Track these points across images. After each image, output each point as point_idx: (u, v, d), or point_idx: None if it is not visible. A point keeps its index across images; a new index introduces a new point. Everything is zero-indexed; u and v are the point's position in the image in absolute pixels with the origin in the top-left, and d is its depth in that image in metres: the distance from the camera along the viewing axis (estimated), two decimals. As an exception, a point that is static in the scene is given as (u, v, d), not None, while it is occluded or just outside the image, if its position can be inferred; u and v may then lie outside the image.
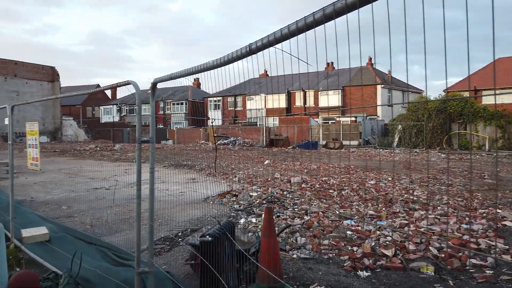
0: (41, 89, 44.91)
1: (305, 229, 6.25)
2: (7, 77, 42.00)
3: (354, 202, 8.19)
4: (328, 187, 9.90)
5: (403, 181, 11.06)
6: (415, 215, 7.03)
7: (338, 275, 4.46)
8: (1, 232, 3.46)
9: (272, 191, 9.36)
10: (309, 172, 13.10)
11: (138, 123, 3.05)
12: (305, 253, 5.21)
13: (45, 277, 3.78)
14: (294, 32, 1.47)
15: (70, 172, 13.48)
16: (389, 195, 8.83)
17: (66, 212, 7.70)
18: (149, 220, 3.13)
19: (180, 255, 5.17)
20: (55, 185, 10.93)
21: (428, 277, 4.41)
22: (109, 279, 3.67)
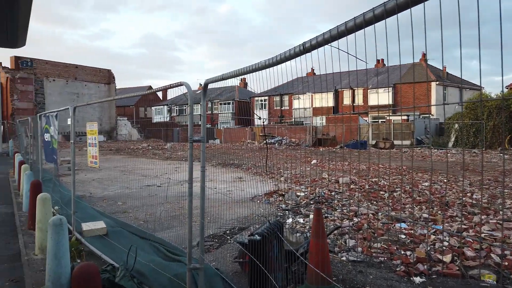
0: (98, 91, 47.65)
1: (354, 231, 6.10)
2: (68, 80, 45.01)
3: (407, 205, 7.85)
4: (378, 189, 9.58)
5: (460, 183, 10.44)
6: (474, 219, 6.61)
7: (390, 279, 4.29)
8: (64, 226, 3.70)
9: (320, 192, 9.22)
10: (358, 172, 12.76)
11: (190, 123, 3.13)
12: (355, 255, 5.07)
13: (103, 269, 3.99)
14: (351, 29, 1.42)
15: (125, 170, 14.17)
16: (445, 198, 8.37)
17: (121, 208, 8.09)
18: (200, 217, 3.20)
19: (229, 252, 5.25)
20: (111, 181, 11.54)
21: (489, 286, 4.13)
22: (162, 274, 3.80)
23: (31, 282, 4.16)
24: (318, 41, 1.57)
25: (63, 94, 43.67)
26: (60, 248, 3.62)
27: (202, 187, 3.19)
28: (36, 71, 42.01)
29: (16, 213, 7.63)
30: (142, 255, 4.44)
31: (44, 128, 8.15)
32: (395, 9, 1.26)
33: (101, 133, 46.00)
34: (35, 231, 5.24)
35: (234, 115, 54.25)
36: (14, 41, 2.20)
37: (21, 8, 1.72)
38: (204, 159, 3.18)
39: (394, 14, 1.27)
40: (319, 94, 44.28)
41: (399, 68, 37.96)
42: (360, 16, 1.38)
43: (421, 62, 39.64)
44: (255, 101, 54.12)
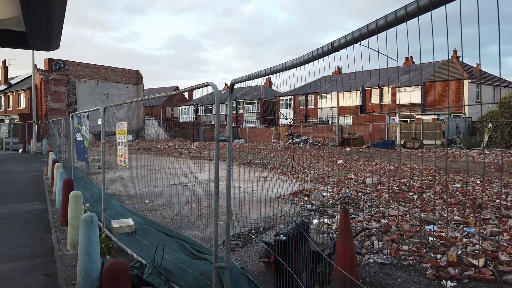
0: (127, 91, 48.83)
1: (382, 232, 5.97)
2: (98, 81, 46.37)
3: (437, 206, 7.62)
4: (407, 190, 9.34)
5: (494, 185, 10.03)
6: (509, 222, 6.33)
7: (419, 283, 4.18)
8: (95, 223, 3.80)
9: (346, 192, 9.09)
10: (385, 173, 12.49)
11: (216, 122, 3.15)
12: (383, 258, 4.97)
13: (132, 266, 4.08)
14: (382, 27, 1.38)
15: (152, 169, 14.45)
16: (478, 200, 8.07)
17: (149, 206, 8.26)
18: (226, 217, 3.22)
19: (254, 252, 5.25)
20: (139, 180, 11.79)
21: (526, 293, 3.95)
22: (188, 271, 3.84)
23: (63, 276, 4.31)
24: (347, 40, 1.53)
25: (93, 95, 45.02)
26: (91, 244, 3.72)
27: (228, 186, 3.20)
28: (68, 73, 43.51)
29: (50, 209, 7.92)
30: (169, 253, 4.52)
31: (76, 127, 8.43)
32: (428, 6, 1.21)
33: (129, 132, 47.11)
34: (67, 227, 5.42)
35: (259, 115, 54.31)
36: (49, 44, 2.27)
37: (56, 11, 1.77)
38: (230, 158, 3.20)
39: (427, 11, 1.23)
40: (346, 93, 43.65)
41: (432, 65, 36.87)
42: (391, 14, 1.34)
43: (452, 59, 38.37)
44: (280, 101, 53.97)
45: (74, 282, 3.98)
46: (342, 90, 41.61)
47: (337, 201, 8.22)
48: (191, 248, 5.03)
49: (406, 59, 43.08)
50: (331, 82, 45.76)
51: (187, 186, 10.58)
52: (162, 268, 3.99)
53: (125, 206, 7.90)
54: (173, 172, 13.44)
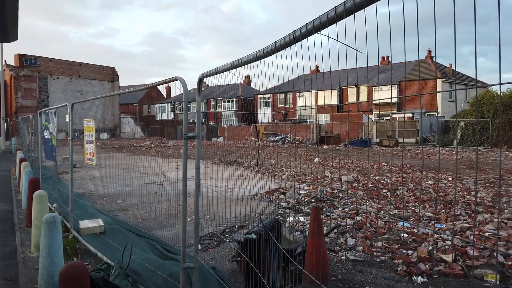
0: (102, 89, 47.71)
1: (355, 230, 6.00)
2: (72, 77, 45.11)
3: (410, 203, 7.74)
4: (381, 187, 9.46)
5: (465, 181, 10.29)
6: (479, 218, 6.48)
7: (390, 279, 4.20)
8: (57, 224, 3.63)
9: (322, 190, 9.12)
10: (361, 170, 12.63)
11: (184, 119, 3.04)
12: (355, 254, 4.98)
13: (98, 268, 3.92)
14: (341, 15, 1.32)
15: (126, 167, 14.13)
16: (449, 197, 8.24)
17: (121, 206, 8.04)
18: (195, 216, 3.12)
19: (227, 251, 5.16)
20: (112, 179, 11.49)
21: (492, 286, 4.02)
22: (157, 272, 3.72)
23: (25, 280, 4.10)
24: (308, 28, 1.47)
25: (66, 92, 43.77)
26: (53, 246, 3.55)
27: (196, 184, 3.11)
28: (40, 69, 42.13)
29: (15, 210, 7.60)
30: (138, 253, 4.38)
31: (44, 125, 8.11)
32: None
33: (104, 130, 46.11)
34: (31, 229, 5.19)
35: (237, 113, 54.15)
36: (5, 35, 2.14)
37: (8, 2, 1.67)
38: (199, 155, 3.10)
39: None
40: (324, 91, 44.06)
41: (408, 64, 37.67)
42: (349, 1, 1.28)
43: (426, 59, 39.31)
44: (258, 99, 53.98)
45: (36, 286, 3.79)
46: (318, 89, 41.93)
47: (313, 199, 8.22)
48: (162, 248, 4.90)
49: (382, 58, 43.85)
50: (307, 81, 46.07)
51: (162, 185, 10.38)
52: (130, 269, 3.85)
53: (96, 206, 7.66)
54: (148, 171, 13.18)
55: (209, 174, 12.67)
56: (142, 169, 13.82)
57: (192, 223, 6.61)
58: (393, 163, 14.90)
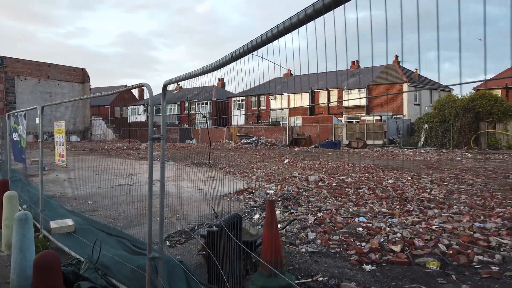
0: (72, 90, 46.71)
1: (317, 225, 6.42)
2: (40, 79, 43.95)
3: (369, 201, 8.26)
4: (345, 186, 9.98)
5: (423, 180, 10.98)
6: (429, 213, 7.06)
7: (343, 268, 4.62)
8: (29, 221, 3.83)
9: (289, 189, 9.54)
10: (327, 171, 13.17)
11: (150, 121, 3.34)
12: (314, 247, 5.38)
13: (69, 263, 4.14)
14: (279, 34, 1.58)
15: (97, 170, 14.11)
16: (405, 194, 8.83)
17: (92, 207, 8.16)
18: (160, 210, 3.41)
19: (195, 247, 5.46)
20: (83, 181, 11.51)
21: (432, 272, 4.50)
22: (125, 265, 3.98)
23: (-3, 277, 4.26)
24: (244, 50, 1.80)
25: (35, 93, 42.60)
26: (25, 242, 3.75)
27: (161, 182, 3.40)
28: (6, 70, 40.84)
29: (-17, 212, 7.58)
30: (108, 250, 4.60)
31: (13, 127, 8.13)
32: (331, 5, 1.39)
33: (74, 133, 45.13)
34: (2, 229, 5.31)
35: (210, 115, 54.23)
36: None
37: None
38: (163, 155, 3.40)
39: (330, 9, 1.41)
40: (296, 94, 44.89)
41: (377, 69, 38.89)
42: (287, 20, 1.55)
43: (394, 64, 40.78)
44: (232, 101, 54.27)
45: (8, 281, 3.97)
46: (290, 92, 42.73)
47: (280, 197, 8.62)
48: (131, 245, 5.13)
49: (352, 62, 45.11)
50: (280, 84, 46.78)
51: (133, 187, 10.52)
52: (99, 264, 4.09)
53: (66, 207, 7.75)
54: (119, 173, 13.23)
55: (181, 175, 12.88)
56: (113, 171, 13.84)
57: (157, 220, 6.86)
58: (359, 163, 15.55)
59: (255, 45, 1.85)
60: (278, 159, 18.12)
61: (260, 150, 26.20)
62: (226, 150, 25.83)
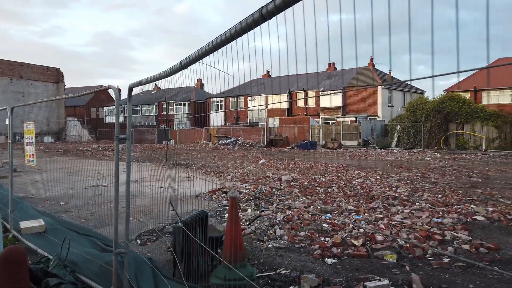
0: (46, 90, 45.66)
1: (285, 222, 6.66)
2: (12, 78, 42.77)
3: (337, 199, 8.58)
4: (316, 185, 10.29)
5: (390, 179, 11.42)
6: (392, 210, 7.42)
7: (305, 261, 4.86)
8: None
9: (261, 188, 9.77)
10: (301, 171, 13.49)
11: (116, 122, 3.48)
12: (281, 243, 5.62)
13: (38, 261, 4.23)
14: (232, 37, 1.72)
15: (71, 171, 13.98)
16: (372, 192, 9.20)
17: (64, 208, 8.16)
18: (126, 208, 3.56)
19: (165, 244, 5.60)
20: (55, 183, 11.42)
21: (388, 264, 4.80)
22: (94, 262, 4.11)
23: (-36, 276, 4.29)
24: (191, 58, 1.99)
25: (6, 93, 41.42)
26: (-8, 241, 3.82)
27: (127, 180, 3.55)
28: (-24, 69, 39.60)
29: (-49, 214, 7.48)
30: (78, 249, 4.70)
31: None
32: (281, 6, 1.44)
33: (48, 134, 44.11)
34: (-30, 229, 5.30)
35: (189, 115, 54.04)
36: None
37: None
38: (129, 154, 3.55)
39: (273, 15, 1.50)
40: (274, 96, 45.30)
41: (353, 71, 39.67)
42: (227, 32, 1.72)
43: (368, 66, 41.76)
44: (211, 102, 54.25)
45: (-25, 280, 4.02)
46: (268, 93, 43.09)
47: (252, 197, 8.83)
48: (101, 243, 5.24)
49: (328, 65, 45.90)
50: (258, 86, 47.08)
51: (107, 188, 10.52)
52: (68, 261, 4.19)
53: (37, 208, 7.73)
54: (93, 175, 13.15)
55: (156, 176, 12.93)
56: (87, 173, 13.74)
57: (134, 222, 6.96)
58: (332, 163, 15.95)
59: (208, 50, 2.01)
60: (254, 159, 18.36)
61: (238, 150, 26.38)
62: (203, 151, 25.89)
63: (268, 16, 1.61)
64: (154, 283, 3.80)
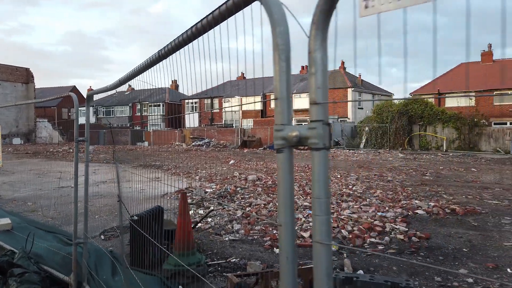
0: (14, 91, 44.56)
1: (244, 218, 7.16)
2: (-21, 78, 41.59)
3: (296, 196, 9.15)
4: (279, 184, 10.84)
5: (349, 178, 12.12)
6: (343, 205, 8.05)
7: (256, 251, 5.38)
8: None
9: (226, 187, 10.25)
10: (268, 171, 14.04)
11: (75, 125, 3.89)
12: (236, 236, 6.11)
13: (3, 254, 4.56)
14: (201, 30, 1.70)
15: (40, 173, 14.02)
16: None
17: (31, 208, 8.39)
18: (84, 202, 3.97)
19: (127, 239, 5.99)
20: (24, 184, 11.51)
21: (329, 252, 5.38)
22: (57, 254, 4.48)
23: None
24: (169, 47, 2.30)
25: (-28, 94, 40.25)
26: (-40, 235, 4.13)
27: (86, 178, 3.95)
28: None
29: None
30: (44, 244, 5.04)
31: None
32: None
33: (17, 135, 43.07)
34: None
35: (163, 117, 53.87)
36: None
37: None
38: (88, 154, 3.95)
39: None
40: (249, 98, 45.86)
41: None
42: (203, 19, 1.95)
43: (340, 70, 42.95)
44: (185, 104, 54.26)
45: None
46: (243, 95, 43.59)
47: (216, 195, 9.30)
48: (66, 239, 5.59)
49: (301, 67, 46.85)
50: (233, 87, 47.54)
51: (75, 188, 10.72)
52: (33, 253, 4.54)
53: (4, 208, 7.93)
54: (62, 176, 13.26)
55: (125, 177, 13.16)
56: (57, 174, 13.83)
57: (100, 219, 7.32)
58: (299, 164, 16.59)
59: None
60: (224, 160, 18.81)
61: (210, 152, 26.74)
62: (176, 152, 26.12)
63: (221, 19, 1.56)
64: (112, 271, 4.21)
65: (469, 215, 7.43)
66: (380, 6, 0.79)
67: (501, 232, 6.29)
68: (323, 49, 0.93)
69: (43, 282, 4.12)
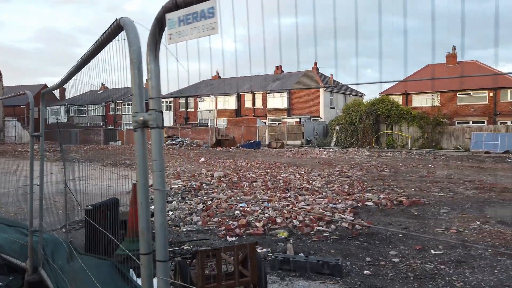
0: (-19, 89, 43.21)
1: (204, 211, 7.53)
2: None
3: (257, 191, 9.59)
4: (244, 180, 11.26)
5: (312, 174, 12.68)
6: (299, 198, 8.54)
7: (211, 240, 5.76)
8: None
9: (192, 184, 10.58)
10: (235, 168, 14.44)
11: (31, 122, 4.17)
12: (194, 227, 6.48)
13: (-38, 245, 4.77)
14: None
15: (5, 172, 13.93)
16: (290, 185, 10.33)
17: (-6, 204, 8.48)
18: (40, 193, 4.25)
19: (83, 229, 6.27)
20: (-12, 183, 11.48)
21: (278, 239, 5.83)
22: (16, 243, 4.74)
23: None
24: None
25: None
26: None
27: (40, 173, 4.24)
28: None
29: None
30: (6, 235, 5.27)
31: None
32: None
33: (-16, 135, 41.82)
34: None
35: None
36: None
37: None
38: (42, 150, 4.24)
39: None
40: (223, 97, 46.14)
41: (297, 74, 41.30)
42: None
43: (313, 70, 43.83)
44: (160, 103, 53.87)
45: None
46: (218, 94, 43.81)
47: (180, 191, 9.62)
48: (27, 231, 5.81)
49: (276, 67, 47.48)
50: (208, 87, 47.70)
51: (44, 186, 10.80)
52: (-8, 244, 4.78)
53: (-34, 206, 8.01)
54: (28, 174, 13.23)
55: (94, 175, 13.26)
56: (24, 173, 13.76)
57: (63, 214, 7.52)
58: (268, 161, 17.07)
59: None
60: (195, 158, 19.08)
61: (183, 150, 26.91)
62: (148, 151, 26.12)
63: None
64: (67, 257, 4.51)
65: (414, 206, 8.05)
66: (177, 38, 1.23)
67: (436, 220, 6.92)
68: (155, 63, 1.36)
69: (1, 269, 4.39)
